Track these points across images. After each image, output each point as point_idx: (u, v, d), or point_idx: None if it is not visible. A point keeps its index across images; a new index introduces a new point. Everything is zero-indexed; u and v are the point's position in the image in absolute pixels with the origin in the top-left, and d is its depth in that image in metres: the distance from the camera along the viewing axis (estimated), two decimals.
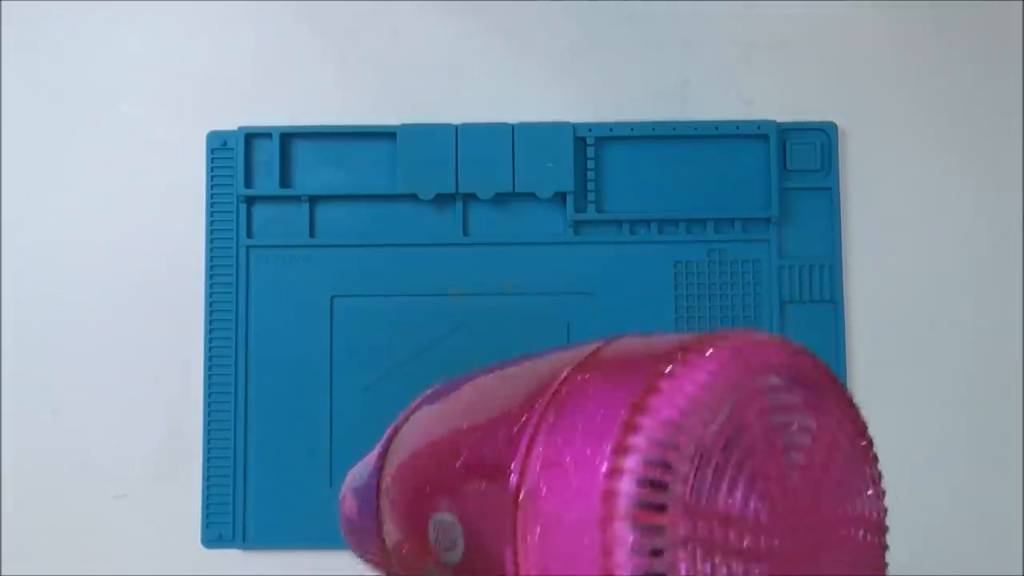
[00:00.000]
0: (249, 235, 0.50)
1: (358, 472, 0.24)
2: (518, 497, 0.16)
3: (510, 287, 0.49)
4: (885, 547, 0.18)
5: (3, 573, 0.49)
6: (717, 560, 0.15)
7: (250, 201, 0.50)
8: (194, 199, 0.50)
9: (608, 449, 0.15)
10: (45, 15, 0.52)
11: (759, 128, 0.50)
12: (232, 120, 0.50)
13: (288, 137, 0.50)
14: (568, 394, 0.17)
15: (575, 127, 0.49)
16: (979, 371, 0.49)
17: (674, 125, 0.50)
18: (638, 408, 0.16)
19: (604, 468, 0.15)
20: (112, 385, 0.50)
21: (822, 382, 0.18)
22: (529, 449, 0.17)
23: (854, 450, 0.18)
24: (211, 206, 0.50)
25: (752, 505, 0.16)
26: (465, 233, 0.50)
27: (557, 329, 0.49)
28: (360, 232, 0.50)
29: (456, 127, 0.49)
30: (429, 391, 0.23)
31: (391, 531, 0.21)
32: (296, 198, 0.50)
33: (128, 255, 0.50)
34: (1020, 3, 0.51)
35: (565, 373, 0.18)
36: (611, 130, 0.50)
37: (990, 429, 0.49)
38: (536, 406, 0.18)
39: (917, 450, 0.49)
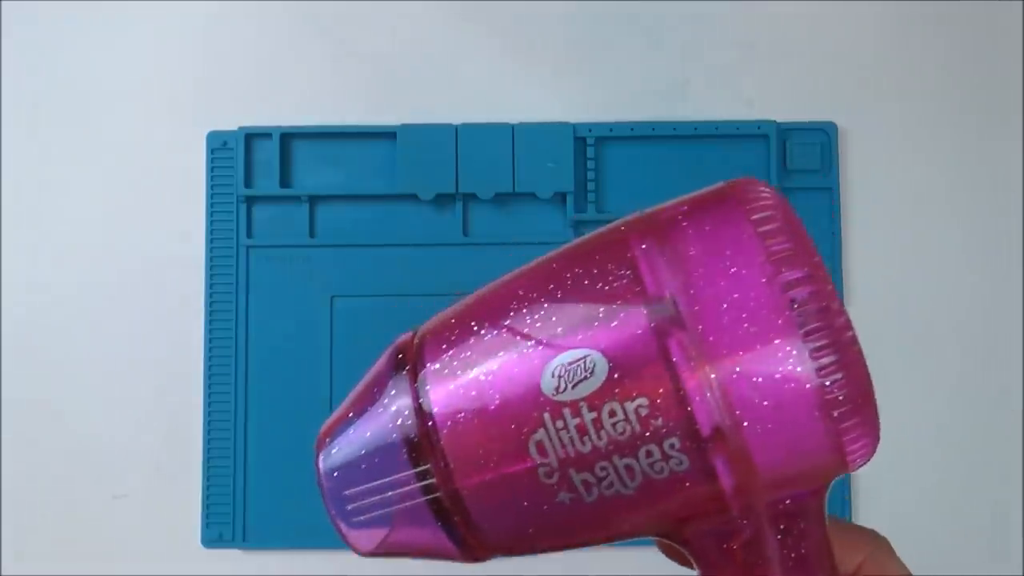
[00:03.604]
0: (249, 235, 0.50)
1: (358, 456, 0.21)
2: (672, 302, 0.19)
3: None
4: None
5: (3, 573, 0.49)
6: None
7: (250, 201, 0.50)
8: (194, 199, 0.50)
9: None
10: (45, 15, 0.52)
11: (759, 128, 0.50)
12: (232, 120, 0.50)
13: (288, 137, 0.50)
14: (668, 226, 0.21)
15: (575, 127, 0.49)
16: (979, 370, 0.49)
17: (674, 125, 0.50)
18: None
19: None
20: (112, 385, 0.50)
21: None
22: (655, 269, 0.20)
23: None
24: (211, 206, 0.50)
25: None
26: (465, 233, 0.50)
27: None
28: (360, 232, 0.50)
29: (456, 127, 0.49)
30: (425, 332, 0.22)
31: (468, 438, 0.20)
32: (296, 198, 0.50)
33: (128, 255, 0.50)
34: (1020, 3, 0.51)
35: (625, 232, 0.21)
36: (611, 130, 0.50)
37: (990, 429, 0.49)
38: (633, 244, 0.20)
39: (917, 450, 0.49)
